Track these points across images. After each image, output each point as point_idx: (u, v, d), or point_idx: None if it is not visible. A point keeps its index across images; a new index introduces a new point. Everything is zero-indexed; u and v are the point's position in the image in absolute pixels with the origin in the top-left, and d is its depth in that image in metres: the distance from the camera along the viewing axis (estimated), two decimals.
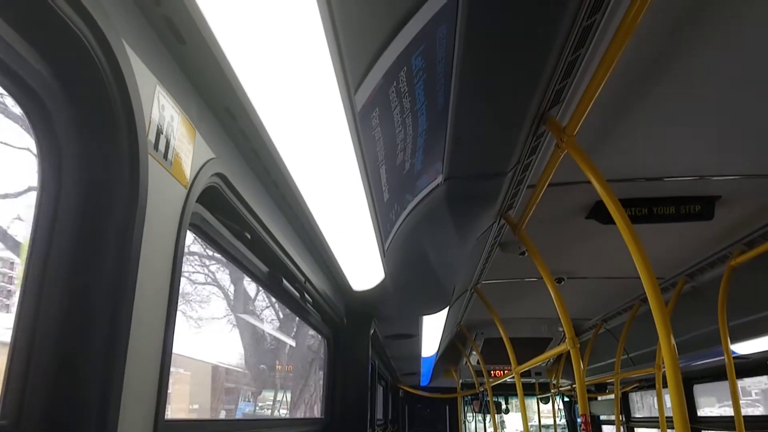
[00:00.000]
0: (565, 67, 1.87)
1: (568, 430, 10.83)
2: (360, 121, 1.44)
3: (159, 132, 1.02)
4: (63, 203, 0.88)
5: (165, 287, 1.09)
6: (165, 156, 1.05)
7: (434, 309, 4.33)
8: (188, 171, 1.16)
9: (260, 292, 3.62)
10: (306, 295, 2.67)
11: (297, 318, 3.15)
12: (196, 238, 1.53)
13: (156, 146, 1.01)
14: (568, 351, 3.43)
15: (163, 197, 1.06)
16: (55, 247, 0.87)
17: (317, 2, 0.98)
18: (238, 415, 3.41)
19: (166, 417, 1.12)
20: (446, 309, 4.48)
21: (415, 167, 2.24)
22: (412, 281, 3.41)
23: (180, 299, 1.19)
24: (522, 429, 5.90)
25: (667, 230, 3.57)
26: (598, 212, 3.35)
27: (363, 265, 2.71)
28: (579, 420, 10.38)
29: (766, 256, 3.63)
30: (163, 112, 1.04)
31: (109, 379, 0.89)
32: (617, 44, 1.78)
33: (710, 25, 1.89)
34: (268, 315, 4.14)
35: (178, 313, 1.17)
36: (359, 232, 2.19)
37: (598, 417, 9.86)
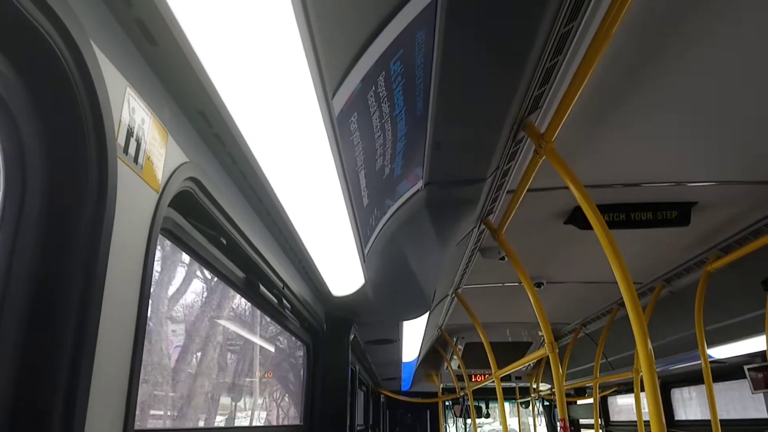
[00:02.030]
0: (543, 74, 1.88)
1: None
2: (338, 126, 1.43)
3: (129, 135, 1.00)
4: (27, 208, 0.85)
5: (135, 293, 1.06)
6: (135, 160, 1.02)
7: (415, 314, 4.32)
8: (160, 175, 1.14)
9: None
10: (284, 300, 2.64)
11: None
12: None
13: (126, 149, 0.98)
14: (548, 355, 3.44)
15: (133, 202, 1.03)
16: (18, 252, 0.84)
17: (293, 5, 0.97)
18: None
19: (135, 426, 1.09)
20: (427, 314, 4.47)
21: (395, 172, 2.24)
22: (392, 286, 3.40)
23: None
24: None
25: (645, 236, 3.62)
26: (577, 217, 3.38)
27: (343, 271, 2.69)
28: (558, 424, 10.45)
29: (741, 262, 3.69)
30: (134, 115, 1.01)
31: (74, 388, 0.86)
32: (594, 51, 1.79)
33: (687, 34, 1.91)
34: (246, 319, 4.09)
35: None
36: (339, 238, 2.18)
37: (578, 421, 9.94)
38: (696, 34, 1.92)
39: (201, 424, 2.80)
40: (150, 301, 1.15)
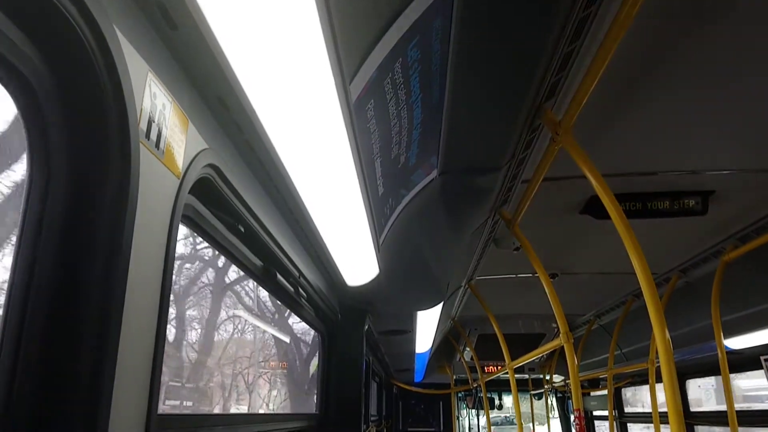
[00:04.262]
0: (560, 60, 1.86)
1: (561, 425, 10.88)
2: (355, 113, 1.42)
3: (151, 120, 1.00)
4: (52, 190, 0.86)
5: (157, 279, 1.07)
6: (157, 145, 1.03)
7: (428, 304, 4.32)
8: (180, 161, 1.14)
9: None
10: (300, 289, 2.65)
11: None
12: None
13: (147, 135, 0.99)
14: (562, 347, 3.43)
15: (155, 187, 1.04)
16: (44, 236, 0.85)
17: None
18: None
19: (159, 411, 1.11)
20: (440, 305, 4.47)
21: (410, 161, 2.23)
22: (406, 277, 3.40)
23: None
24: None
25: (661, 225, 3.58)
26: (593, 207, 3.35)
27: (357, 260, 2.70)
28: (572, 415, 10.45)
29: (759, 252, 3.64)
30: (155, 100, 1.02)
31: (100, 374, 0.87)
32: (613, 37, 1.77)
33: (706, 20, 1.88)
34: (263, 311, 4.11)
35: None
36: (354, 227, 2.18)
37: (591, 412, 9.91)
38: (717, 21, 1.89)
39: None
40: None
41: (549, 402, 10.88)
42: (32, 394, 0.82)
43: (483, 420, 11.28)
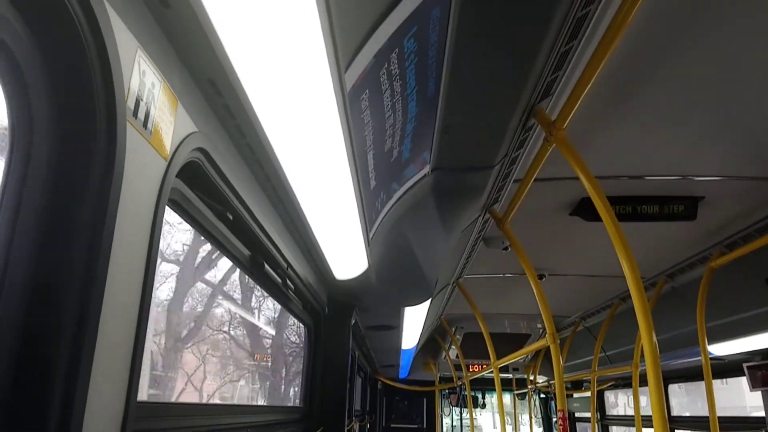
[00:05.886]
0: (557, 59, 1.85)
1: (543, 426, 10.94)
2: (349, 102, 1.40)
3: (139, 99, 0.97)
4: (34, 165, 0.83)
5: (141, 263, 1.04)
6: (144, 125, 1.00)
7: (416, 301, 4.31)
8: (169, 143, 1.12)
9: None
10: (288, 281, 2.63)
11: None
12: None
13: (135, 113, 0.96)
14: (547, 347, 3.43)
15: (142, 167, 1.01)
16: (24, 216, 0.82)
17: None
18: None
19: (138, 398, 1.08)
20: (428, 302, 4.46)
21: (402, 155, 2.21)
22: (395, 272, 3.38)
23: None
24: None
25: (649, 230, 3.59)
26: (583, 209, 3.36)
27: (346, 254, 2.68)
28: (554, 416, 10.50)
29: (745, 259, 3.67)
30: (144, 78, 0.99)
31: (77, 358, 0.84)
32: (609, 38, 1.76)
33: (700, 27, 1.88)
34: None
35: None
36: (344, 220, 2.16)
37: (573, 414, 9.98)
38: (710, 28, 1.89)
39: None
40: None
41: (532, 402, 10.94)
42: (6, 378, 0.79)
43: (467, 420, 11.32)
